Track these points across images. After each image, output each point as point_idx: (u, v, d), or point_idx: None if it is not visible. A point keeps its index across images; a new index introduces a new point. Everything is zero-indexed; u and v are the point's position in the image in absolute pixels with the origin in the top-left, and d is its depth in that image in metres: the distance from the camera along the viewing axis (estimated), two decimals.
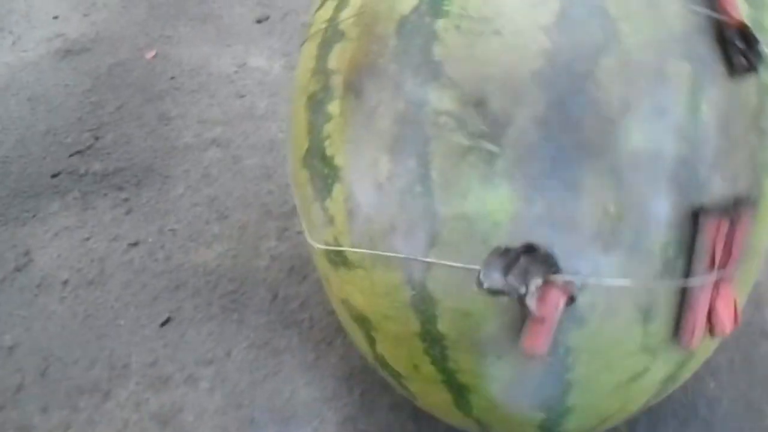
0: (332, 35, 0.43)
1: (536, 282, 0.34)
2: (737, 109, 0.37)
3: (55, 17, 1.14)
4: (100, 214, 0.81)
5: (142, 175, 0.85)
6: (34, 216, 0.82)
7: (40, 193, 0.85)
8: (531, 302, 0.34)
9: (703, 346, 0.41)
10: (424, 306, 0.38)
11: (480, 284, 0.34)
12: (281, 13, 1.12)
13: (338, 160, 0.40)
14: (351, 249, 0.41)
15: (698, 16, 0.37)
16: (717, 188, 0.36)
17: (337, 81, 0.41)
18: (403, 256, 0.38)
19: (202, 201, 0.81)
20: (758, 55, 0.36)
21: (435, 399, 0.44)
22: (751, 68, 0.36)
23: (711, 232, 0.36)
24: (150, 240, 0.78)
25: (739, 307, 0.40)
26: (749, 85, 0.38)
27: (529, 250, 0.34)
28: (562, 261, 0.35)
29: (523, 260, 0.34)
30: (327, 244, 0.43)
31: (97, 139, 0.91)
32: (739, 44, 0.36)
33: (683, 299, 0.37)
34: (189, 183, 0.84)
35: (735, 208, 0.36)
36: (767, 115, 0.39)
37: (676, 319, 0.38)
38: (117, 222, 0.80)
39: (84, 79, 1.02)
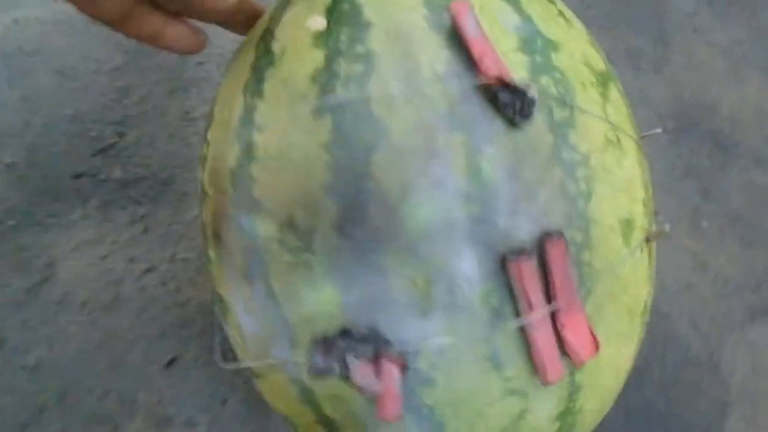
0: (202, 195, 0.50)
1: (351, 360, 0.39)
2: (529, 153, 0.40)
3: None
4: (118, 229, 0.84)
5: (160, 188, 0.86)
6: (57, 222, 0.85)
7: (64, 196, 0.87)
8: (356, 377, 0.39)
9: (588, 373, 0.44)
10: (308, 398, 0.45)
11: (309, 370, 0.40)
12: None
13: (222, 294, 0.48)
14: (240, 365, 0.49)
15: (464, 85, 0.40)
16: (524, 230, 0.39)
17: (209, 230, 0.48)
18: (272, 362, 0.46)
19: None
20: (530, 101, 0.39)
21: None
22: (525, 116, 0.39)
23: (517, 276, 0.39)
24: (162, 267, 0.81)
25: (607, 331, 0.43)
26: (539, 127, 0.41)
27: (345, 334, 0.40)
28: (391, 335, 0.40)
29: (340, 343, 0.39)
30: (242, 363, 0.51)
31: (120, 136, 0.91)
32: (507, 98, 0.39)
33: (527, 342, 0.40)
34: None
35: (539, 247, 0.39)
36: (569, 146, 0.42)
37: (529, 359, 0.41)
38: (134, 242, 0.83)
39: (114, 53, 0.99)
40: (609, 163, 0.44)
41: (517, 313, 0.40)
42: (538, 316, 0.39)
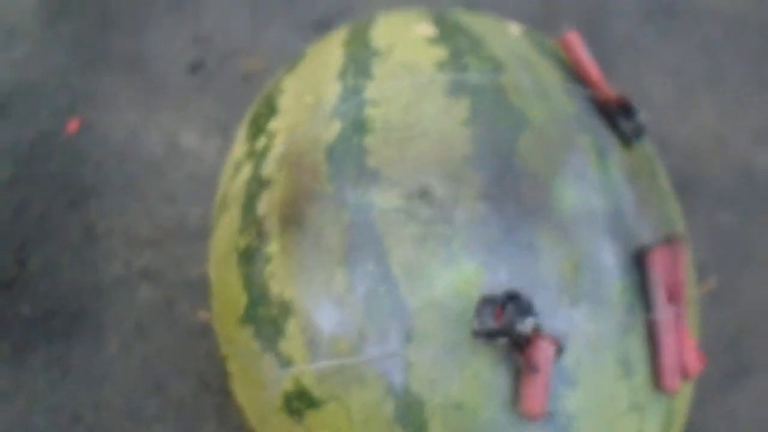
0: (256, 188, 0.46)
1: (529, 321, 0.35)
2: (638, 171, 0.44)
3: None
4: (35, 375, 0.78)
5: (73, 324, 0.80)
6: None
7: None
8: (529, 347, 0.36)
9: (680, 404, 0.44)
10: (411, 415, 0.38)
11: (475, 332, 0.36)
12: (219, 56, 0.95)
13: (288, 294, 0.41)
14: (320, 365, 0.40)
15: (581, 99, 0.45)
16: (646, 235, 0.42)
17: (270, 223, 0.43)
18: (380, 357, 0.39)
19: (137, 364, 0.77)
20: (641, 124, 0.45)
21: None
22: (639, 132, 0.44)
23: (659, 265, 0.40)
24: (89, 416, 0.76)
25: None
26: (639, 153, 0.46)
27: (513, 297, 0.36)
28: (540, 319, 0.38)
29: (509, 306, 0.36)
30: (285, 393, 0.42)
31: (22, 265, 0.84)
32: (624, 115, 0.44)
33: (654, 343, 0.40)
34: (122, 337, 0.79)
35: (671, 242, 0.41)
36: (661, 177, 0.47)
37: (653, 369, 0.41)
38: (54, 387, 0.77)
39: (4, 161, 0.91)
40: (677, 207, 0.49)
41: (649, 312, 0.40)
42: (670, 311, 0.40)
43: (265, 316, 0.43)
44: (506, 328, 0.35)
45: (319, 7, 1.02)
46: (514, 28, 0.52)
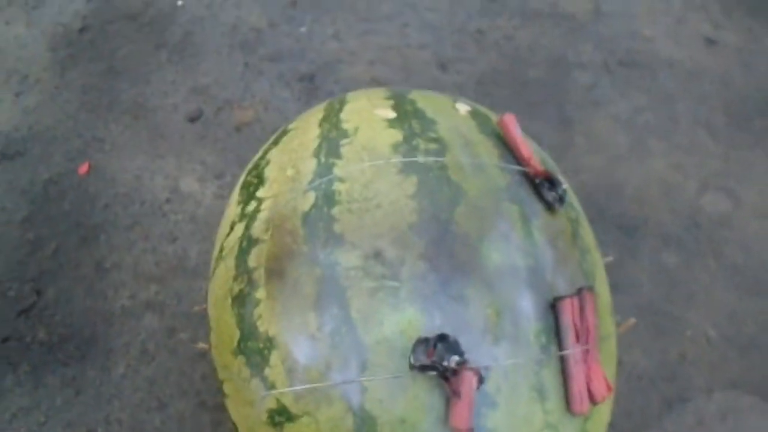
0: (247, 245, 0.55)
1: (454, 358, 0.45)
2: (559, 233, 0.53)
3: None
4: (51, 393, 0.89)
5: (85, 348, 0.91)
6: None
7: None
8: (455, 378, 0.45)
9: (593, 426, 0.53)
10: (366, 428, 0.49)
11: (411, 366, 0.45)
12: (215, 107, 1.07)
13: (272, 332, 0.52)
14: (295, 388, 0.51)
15: (513, 173, 0.54)
16: (561, 287, 0.51)
17: (259, 273, 0.53)
18: (342, 383, 0.48)
19: (143, 385, 0.88)
20: (563, 193, 0.54)
21: None
22: (561, 201, 0.54)
23: (568, 312, 0.49)
24: (100, 430, 0.87)
25: (610, 380, 0.53)
26: (562, 217, 0.55)
27: (442, 338, 0.46)
28: (466, 355, 0.46)
29: (439, 346, 0.45)
30: (269, 410, 0.53)
31: (39, 294, 0.95)
32: (548, 186, 0.54)
33: (565, 375, 0.49)
34: (129, 361, 0.90)
35: (580, 294, 0.50)
36: (582, 238, 0.56)
37: (565, 395, 0.50)
38: (68, 405, 0.88)
39: (20, 201, 1.02)
40: (598, 260, 0.58)
41: (560, 350, 0.49)
42: (578, 350, 0.49)
43: (254, 349, 0.53)
44: (435, 364, 0.45)
45: (305, 62, 1.14)
46: (463, 108, 0.62)
